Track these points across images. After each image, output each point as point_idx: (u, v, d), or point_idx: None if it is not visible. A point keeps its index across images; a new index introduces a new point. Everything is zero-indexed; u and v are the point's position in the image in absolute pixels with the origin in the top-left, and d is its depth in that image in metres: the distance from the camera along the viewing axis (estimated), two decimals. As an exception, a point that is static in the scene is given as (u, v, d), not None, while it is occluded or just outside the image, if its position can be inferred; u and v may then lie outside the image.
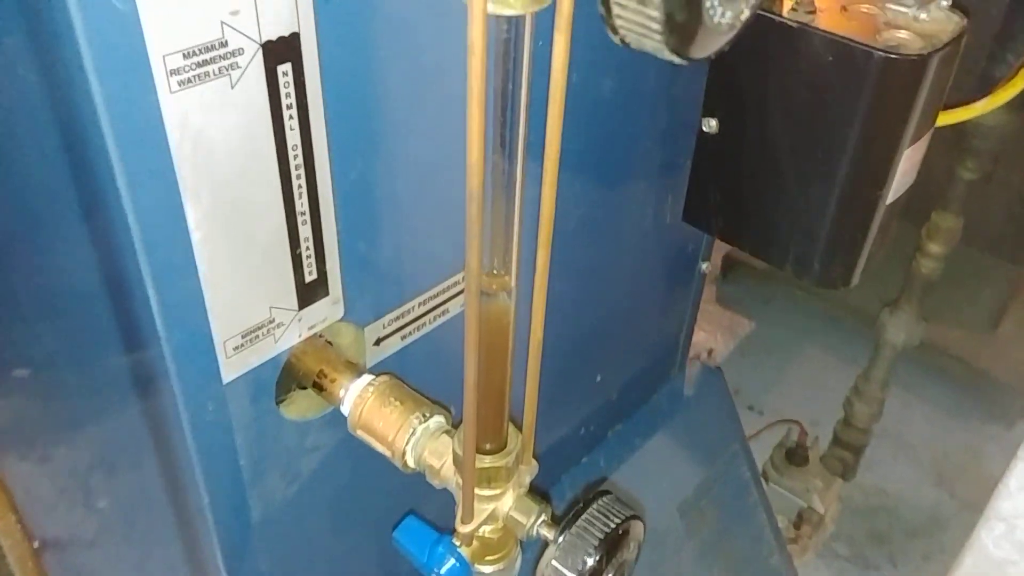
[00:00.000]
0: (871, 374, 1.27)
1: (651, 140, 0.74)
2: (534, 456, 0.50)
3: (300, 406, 0.57)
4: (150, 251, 0.42)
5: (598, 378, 0.88)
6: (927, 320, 1.21)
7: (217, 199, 0.43)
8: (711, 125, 0.70)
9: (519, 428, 0.48)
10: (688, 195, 0.76)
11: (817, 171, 0.65)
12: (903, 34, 0.59)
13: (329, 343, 0.57)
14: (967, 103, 0.79)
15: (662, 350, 0.99)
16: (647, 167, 0.76)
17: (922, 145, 0.65)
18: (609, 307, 0.84)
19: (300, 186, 0.47)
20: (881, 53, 0.58)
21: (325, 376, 0.54)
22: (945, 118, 0.77)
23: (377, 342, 0.58)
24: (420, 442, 0.50)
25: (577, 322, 0.81)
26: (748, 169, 0.70)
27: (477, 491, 0.47)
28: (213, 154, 0.42)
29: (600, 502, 0.44)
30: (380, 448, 0.52)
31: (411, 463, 0.51)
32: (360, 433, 0.53)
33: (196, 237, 0.43)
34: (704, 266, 0.94)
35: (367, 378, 0.53)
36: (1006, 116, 0.98)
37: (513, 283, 0.42)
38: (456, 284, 0.62)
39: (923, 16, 0.60)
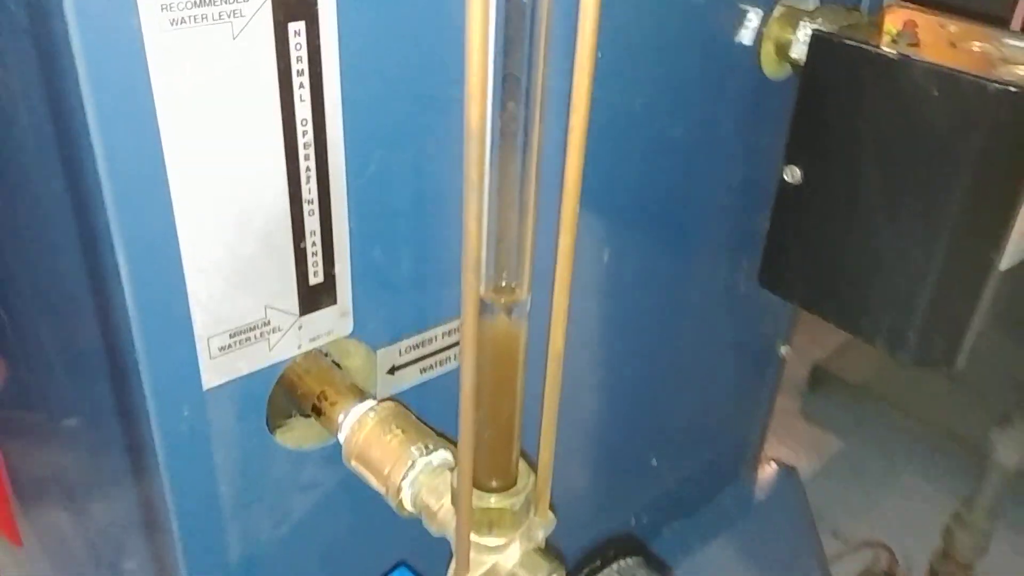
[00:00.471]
0: (977, 501, 1.12)
1: (725, 189, 0.67)
2: (552, 508, 0.42)
3: (297, 434, 0.50)
4: (122, 210, 0.37)
5: (653, 461, 0.79)
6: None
7: (207, 167, 0.38)
8: (794, 174, 0.62)
9: (534, 468, 0.41)
10: (765, 254, 0.68)
11: (918, 226, 0.57)
12: (1021, 69, 0.52)
13: (336, 364, 0.51)
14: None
15: (730, 443, 0.89)
16: (718, 221, 0.69)
17: (1046, 203, 0.56)
18: (668, 381, 0.76)
19: (308, 168, 0.42)
20: (997, 85, 0.50)
21: (326, 398, 0.48)
22: None
23: (392, 371, 0.52)
24: (419, 478, 0.43)
25: (630, 391, 0.73)
26: (835, 224, 0.62)
27: (475, 538, 0.39)
28: (206, 111, 0.37)
29: (622, 563, 0.35)
30: (374, 483, 0.45)
31: (407, 503, 0.43)
32: (355, 465, 0.46)
33: (179, 206, 0.38)
34: (783, 350, 0.85)
35: (370, 403, 0.47)
36: None
37: (526, 298, 0.35)
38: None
39: (1046, 51, 0.53)
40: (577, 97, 0.32)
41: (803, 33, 0.61)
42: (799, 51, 0.61)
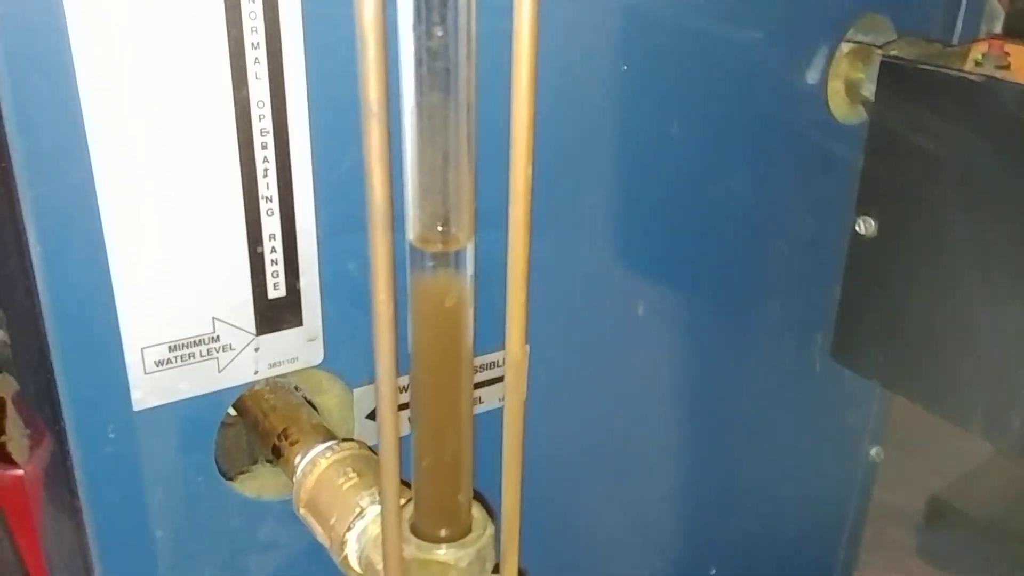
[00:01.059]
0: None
1: (790, 250, 0.59)
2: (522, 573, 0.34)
3: (259, 483, 0.44)
4: (35, 183, 0.33)
5: (712, 571, 0.68)
6: None
7: (141, 146, 0.34)
8: (868, 226, 0.54)
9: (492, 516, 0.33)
10: (838, 322, 0.58)
11: (1015, 285, 0.47)
12: None
13: (310, 403, 0.44)
14: None
15: (809, 559, 0.77)
16: (784, 286, 0.60)
17: None
18: (728, 483, 0.66)
19: (266, 159, 0.37)
20: (1105, 100, 0.41)
21: (287, 437, 0.41)
22: None
23: (373, 415, 0.45)
24: (368, 530, 0.35)
25: (676, 488, 0.63)
26: (918, 283, 0.53)
27: (412, 603, 0.31)
28: (141, 79, 0.33)
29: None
30: (320, 536, 0.37)
31: (352, 559, 0.36)
32: (303, 513, 0.39)
33: (103, 186, 0.34)
34: (874, 451, 0.73)
35: (330, 443, 0.40)
36: None
37: (469, 246, 0.28)
38: (491, 366, 0.48)
39: None
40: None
41: (875, 70, 0.53)
42: (871, 89, 0.54)
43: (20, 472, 0.55)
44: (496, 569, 0.33)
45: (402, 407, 0.43)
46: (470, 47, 0.26)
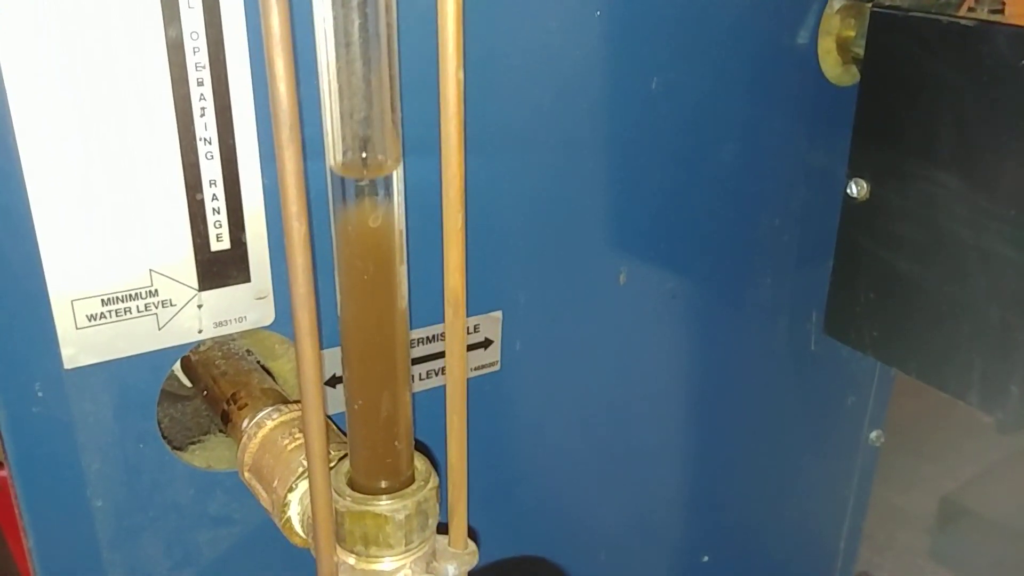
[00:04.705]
0: None
1: (783, 219, 0.56)
2: (475, 540, 0.31)
3: (209, 453, 0.41)
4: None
5: (704, 558, 0.65)
6: None
7: (62, 78, 0.32)
8: (860, 188, 0.51)
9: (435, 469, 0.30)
10: (830, 296, 0.56)
11: (1013, 250, 0.44)
12: None
13: (266, 370, 0.42)
14: None
15: (808, 549, 0.73)
16: (776, 259, 0.57)
17: None
18: (723, 468, 0.63)
19: (203, 96, 0.35)
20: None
21: (235, 402, 0.39)
22: None
23: (332, 382, 0.42)
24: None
25: (669, 473, 0.60)
26: (911, 248, 0.50)
27: (346, 558, 0.28)
28: (61, 5, 0.31)
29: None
30: (264, 501, 0.35)
31: (295, 523, 0.33)
32: (247, 478, 0.36)
33: (20, 120, 0.31)
34: (874, 435, 0.70)
35: (278, 405, 0.38)
36: None
37: (394, 171, 0.26)
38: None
39: None
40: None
41: (867, 25, 0.51)
42: (863, 46, 0.51)
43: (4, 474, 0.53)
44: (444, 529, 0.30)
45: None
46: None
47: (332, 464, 0.32)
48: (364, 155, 0.26)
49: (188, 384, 0.42)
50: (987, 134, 0.44)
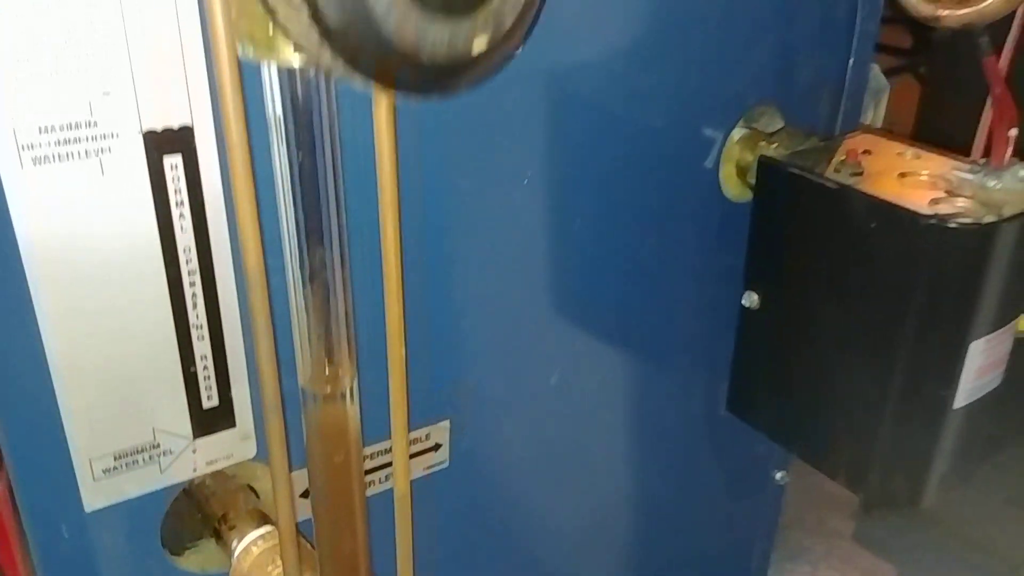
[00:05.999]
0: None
1: (692, 312, 0.65)
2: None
3: (203, 556, 0.50)
4: (-11, 337, 0.38)
5: (633, 589, 0.75)
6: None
7: (80, 295, 0.39)
8: (752, 300, 0.60)
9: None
10: (731, 382, 0.65)
11: (869, 362, 0.54)
12: (964, 202, 0.49)
13: (252, 489, 0.50)
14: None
15: (726, 568, 0.84)
16: (688, 343, 0.67)
17: (1005, 336, 0.52)
18: (652, 508, 0.73)
19: (195, 295, 0.42)
20: (931, 220, 0.48)
21: (225, 522, 0.47)
22: None
23: (306, 494, 0.51)
24: (289, 616, 0.42)
25: (613, 516, 0.70)
26: (793, 353, 0.59)
27: None
28: (76, 242, 0.38)
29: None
30: (252, 616, 0.44)
31: (278, 641, 0.42)
32: (238, 595, 0.45)
33: (50, 329, 0.39)
34: (779, 475, 0.80)
35: (264, 529, 0.46)
36: None
37: (351, 383, 0.34)
38: (415, 441, 0.54)
39: (993, 183, 0.50)
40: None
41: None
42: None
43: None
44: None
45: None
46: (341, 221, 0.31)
47: (307, 589, 0.41)
48: (327, 372, 0.34)
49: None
50: (848, 271, 0.53)
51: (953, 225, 0.47)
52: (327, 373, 0.35)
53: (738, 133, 0.61)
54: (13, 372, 0.39)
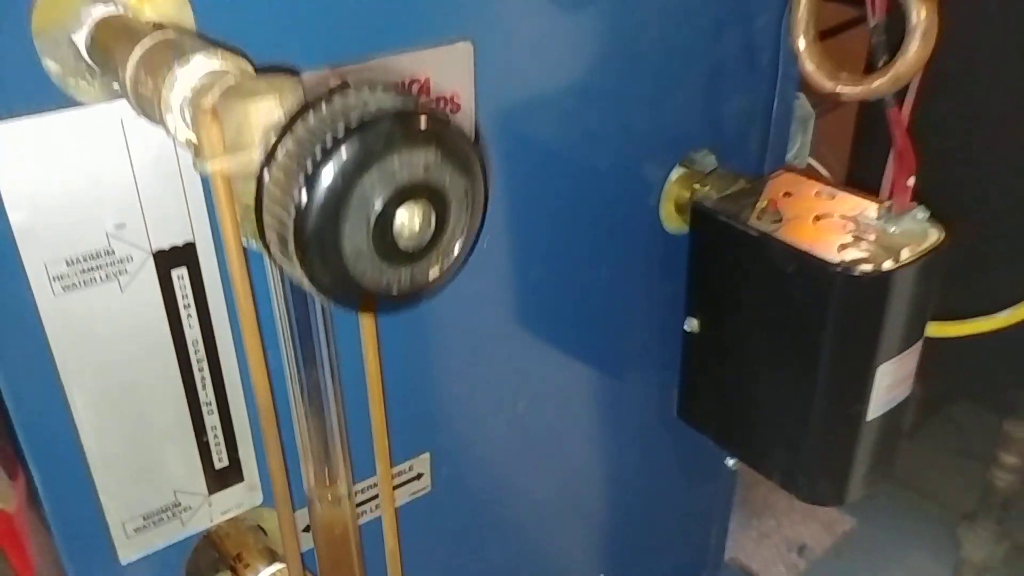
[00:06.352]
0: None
1: (641, 334, 0.73)
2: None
3: (222, 590, 0.57)
4: (26, 427, 0.45)
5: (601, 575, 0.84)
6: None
7: (107, 390, 0.46)
8: (692, 325, 0.68)
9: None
10: (680, 391, 0.73)
11: (793, 383, 0.62)
12: (867, 248, 0.57)
13: (260, 528, 0.57)
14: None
15: (686, 555, 0.93)
16: (640, 361, 0.74)
17: (910, 356, 0.60)
18: (611, 497, 0.81)
19: (203, 378, 0.49)
20: (836, 269, 0.55)
21: (240, 560, 0.55)
22: (939, 330, 0.73)
23: (308, 528, 0.58)
24: (302, 644, 0.49)
25: (574, 511, 0.78)
26: (732, 372, 0.67)
27: None
28: (102, 348, 0.45)
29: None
30: (270, 643, 0.51)
31: (293, 664, 0.50)
32: (256, 626, 0.52)
33: (84, 422, 0.46)
34: (731, 463, 0.89)
35: (276, 567, 0.53)
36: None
37: (345, 491, 0.42)
38: (400, 473, 0.62)
39: (893, 229, 0.57)
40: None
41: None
42: (692, 213, 0.67)
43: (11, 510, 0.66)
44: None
45: (327, 520, 0.56)
46: (335, 378, 0.38)
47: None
48: (327, 481, 0.41)
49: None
50: (772, 308, 0.61)
51: (856, 274, 0.55)
52: (327, 484, 0.42)
53: (676, 173, 0.68)
54: (54, 455, 0.46)
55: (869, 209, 0.60)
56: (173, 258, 0.45)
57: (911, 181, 0.58)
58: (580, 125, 0.61)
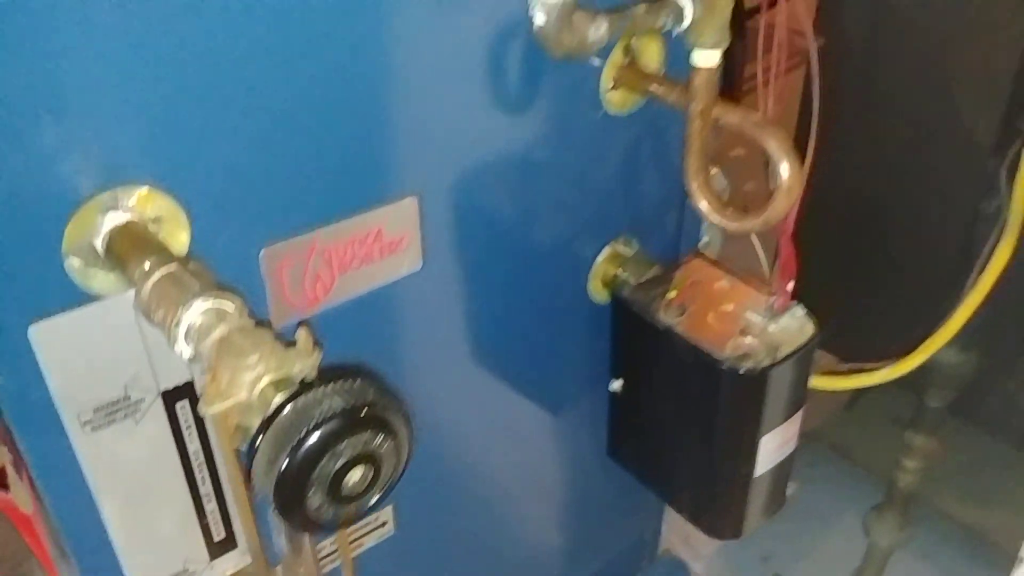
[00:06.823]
0: (863, 574, 1.29)
1: (577, 387, 0.85)
2: None
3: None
4: (70, 533, 0.56)
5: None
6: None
7: (129, 495, 0.58)
8: (616, 385, 0.80)
9: None
10: (609, 433, 0.85)
11: (696, 445, 0.74)
12: (751, 343, 0.68)
13: (252, 576, 0.70)
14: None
15: (624, 547, 1.07)
16: (577, 408, 0.86)
17: (792, 423, 0.73)
18: (562, 516, 0.94)
19: (203, 478, 0.61)
20: (723, 366, 0.67)
21: (236, 608, 0.67)
22: (838, 383, 0.85)
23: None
24: None
25: (524, 529, 0.91)
26: (648, 427, 0.79)
27: None
28: (125, 466, 0.56)
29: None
30: None
31: None
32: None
33: (111, 521, 0.58)
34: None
35: (264, 614, 0.66)
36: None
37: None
38: (368, 523, 0.74)
39: (773, 328, 0.69)
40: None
41: (621, 273, 0.77)
42: (610, 290, 0.78)
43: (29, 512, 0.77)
44: None
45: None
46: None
47: None
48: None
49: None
50: (677, 384, 0.73)
51: (741, 371, 0.66)
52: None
53: (603, 255, 0.79)
54: (90, 547, 0.58)
55: (758, 304, 0.71)
56: (177, 394, 0.56)
57: (791, 285, 0.69)
58: (517, 227, 0.71)
